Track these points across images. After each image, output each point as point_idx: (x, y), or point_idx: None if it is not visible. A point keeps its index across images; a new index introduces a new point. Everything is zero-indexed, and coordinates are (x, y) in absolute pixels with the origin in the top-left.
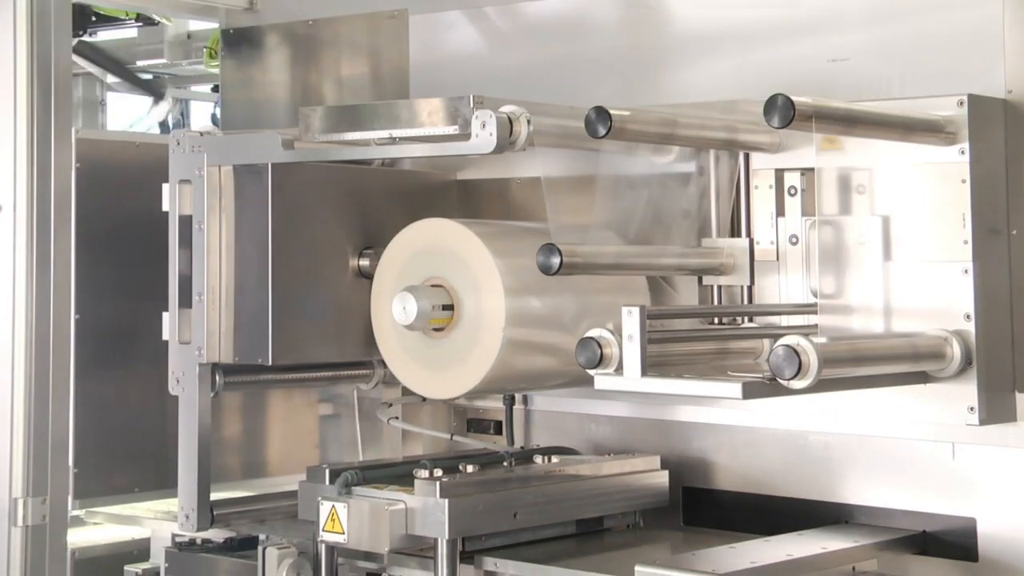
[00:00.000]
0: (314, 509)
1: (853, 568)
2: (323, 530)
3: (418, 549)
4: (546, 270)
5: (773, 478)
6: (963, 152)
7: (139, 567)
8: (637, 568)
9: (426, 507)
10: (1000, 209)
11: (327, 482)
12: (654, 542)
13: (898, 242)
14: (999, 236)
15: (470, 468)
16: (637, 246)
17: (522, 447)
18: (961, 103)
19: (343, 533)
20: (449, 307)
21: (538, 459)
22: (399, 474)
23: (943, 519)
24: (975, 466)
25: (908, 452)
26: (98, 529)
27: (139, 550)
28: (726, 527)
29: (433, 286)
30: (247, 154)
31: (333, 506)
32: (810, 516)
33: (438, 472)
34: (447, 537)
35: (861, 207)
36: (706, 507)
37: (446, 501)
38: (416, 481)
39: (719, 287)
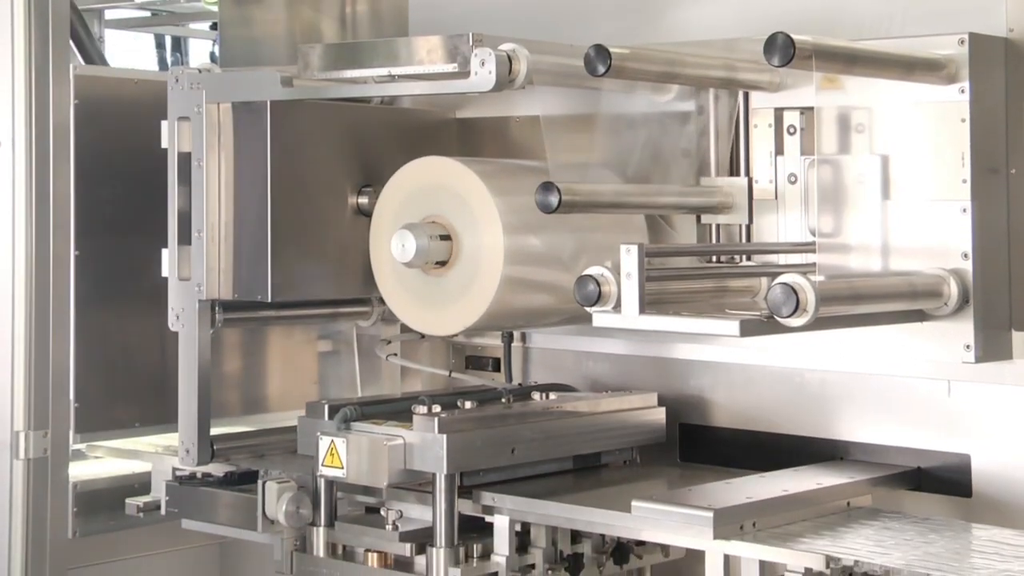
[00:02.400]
0: (313, 444)
1: (848, 503)
2: (322, 465)
3: (416, 484)
4: (545, 208)
5: (769, 415)
6: (963, 91)
7: (140, 500)
8: (634, 503)
9: (424, 442)
10: (999, 148)
11: (326, 418)
12: (651, 478)
13: (897, 181)
14: (998, 175)
15: (468, 404)
16: (636, 184)
17: (520, 384)
18: (962, 42)
19: (342, 468)
20: (448, 242)
21: (536, 396)
22: (397, 410)
23: (938, 456)
24: (970, 403)
25: (904, 390)
26: (99, 463)
27: (140, 484)
28: (722, 463)
29: (432, 224)
30: (246, 91)
31: (332, 441)
32: (806, 453)
33: (436, 408)
34: (445, 472)
35: (860, 146)
36: (703, 444)
37: (444, 437)
38: (415, 417)
39: (717, 226)
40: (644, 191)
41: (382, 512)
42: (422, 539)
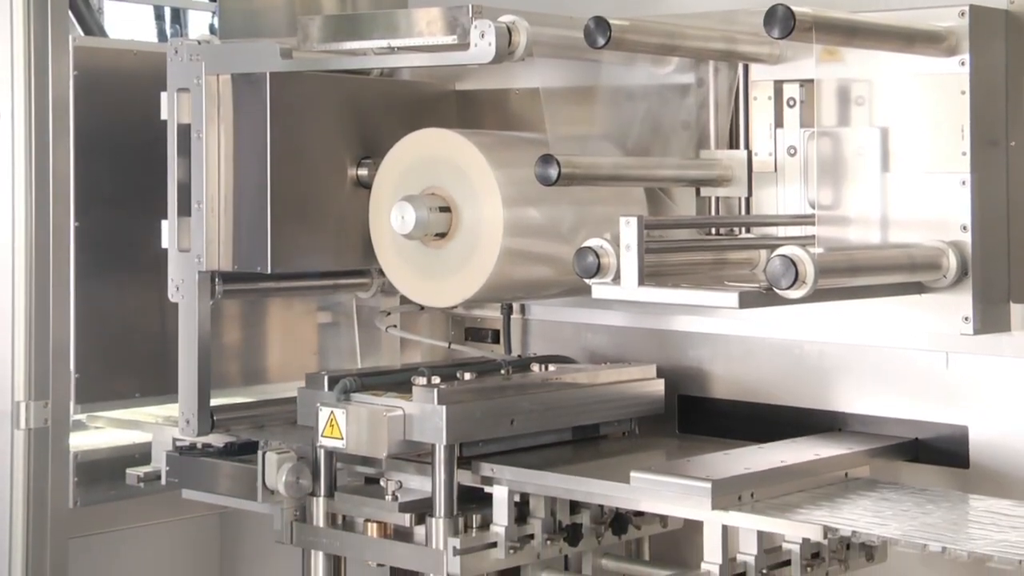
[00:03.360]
0: (313, 415)
1: (846, 474)
2: (322, 435)
3: (415, 454)
4: (544, 180)
5: (768, 387)
6: (963, 63)
7: (140, 470)
8: (632, 474)
9: (424, 413)
10: (999, 121)
11: (326, 388)
12: (649, 449)
13: (896, 153)
14: (997, 148)
15: (467, 376)
16: (635, 157)
17: (519, 356)
18: (962, 14)
19: (342, 438)
20: (447, 215)
21: (535, 367)
22: (397, 381)
23: (936, 427)
24: (968, 375)
25: (902, 361)
26: (100, 433)
27: (140, 454)
28: (721, 435)
29: (431, 196)
30: (245, 63)
31: (332, 412)
32: (804, 424)
33: (436, 379)
34: (444, 443)
35: (860, 118)
36: (701, 415)
37: (443, 408)
38: (414, 388)
39: (717, 198)
40: (643, 164)
41: (382, 483)
42: (421, 509)
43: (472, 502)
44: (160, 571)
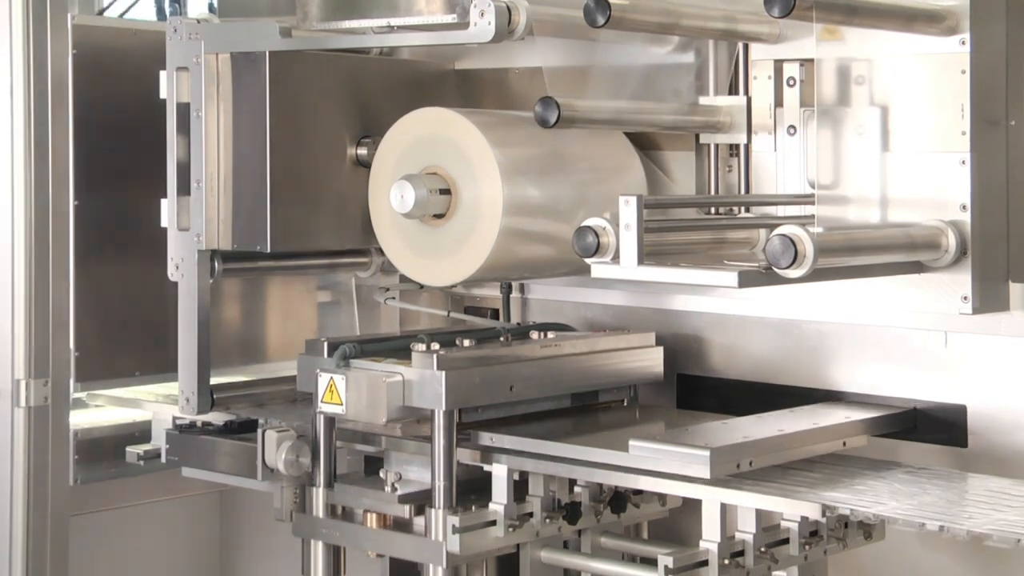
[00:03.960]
0: (312, 381)
1: (844, 444)
2: (321, 401)
3: (415, 421)
4: (543, 123)
5: (767, 366)
6: (963, 43)
7: (140, 448)
8: (631, 442)
9: (423, 379)
10: (999, 100)
11: (325, 355)
12: (648, 418)
13: (896, 133)
14: (997, 127)
15: (467, 343)
16: (634, 102)
17: (518, 323)
18: None
19: (341, 404)
20: (447, 194)
21: (534, 335)
22: (396, 348)
23: (934, 406)
24: (967, 354)
25: (901, 340)
26: (100, 411)
27: (140, 432)
28: (720, 413)
29: (431, 175)
30: (245, 42)
31: (331, 378)
32: (803, 402)
33: (435, 346)
34: (444, 408)
35: (860, 98)
36: (700, 393)
37: (443, 373)
38: (413, 354)
39: (716, 178)
40: (642, 108)
41: (381, 474)
42: (421, 501)
43: (472, 493)
44: (160, 548)
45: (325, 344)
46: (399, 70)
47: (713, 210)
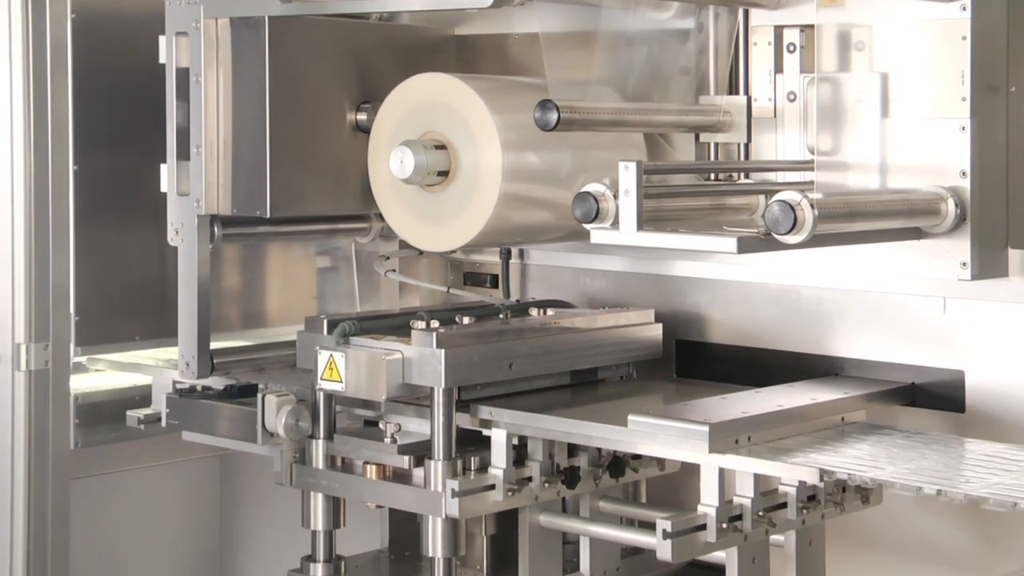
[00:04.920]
0: (312, 358)
1: (842, 419)
2: (321, 378)
3: (415, 398)
4: (544, 126)
5: (766, 332)
6: (964, 8)
7: (141, 412)
8: (630, 417)
9: (423, 357)
10: (999, 66)
11: (325, 332)
12: (647, 393)
13: (896, 99)
14: (997, 94)
15: (466, 320)
16: (635, 103)
17: (518, 300)
18: None
19: (341, 382)
20: (446, 160)
21: (534, 312)
22: (396, 325)
23: (932, 371)
24: (965, 320)
25: (900, 306)
26: (100, 375)
27: (141, 396)
28: (719, 380)
29: (430, 140)
30: (244, 6)
31: (331, 355)
32: (801, 369)
33: (435, 323)
34: (443, 386)
35: (860, 64)
36: (699, 360)
37: (442, 351)
38: (413, 332)
39: (716, 144)
40: (643, 109)
41: (380, 425)
42: (420, 452)
43: (471, 445)
44: (161, 512)
45: (325, 321)
46: (399, 35)
47: (712, 176)
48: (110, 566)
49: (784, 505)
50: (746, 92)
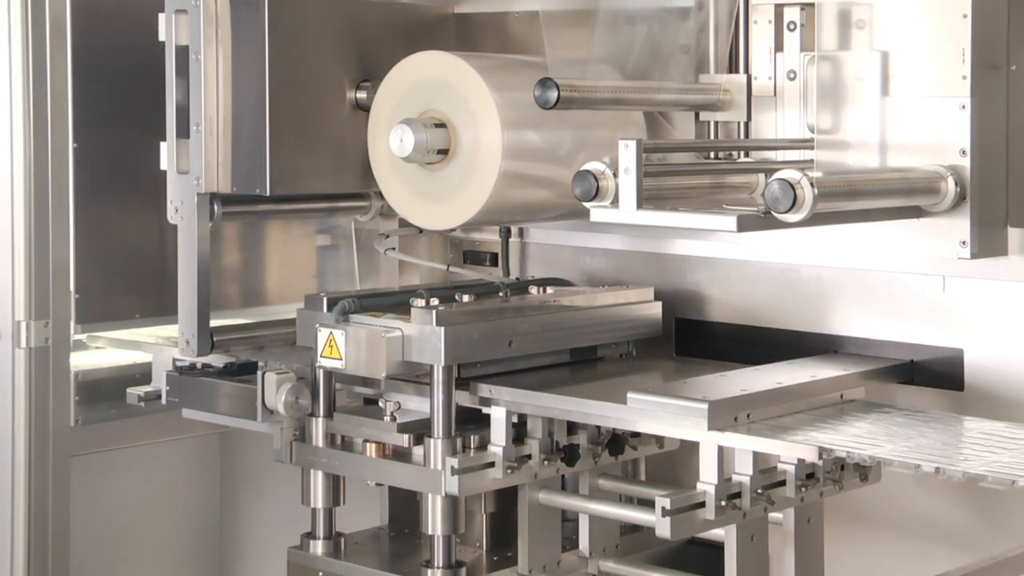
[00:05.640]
0: (312, 336)
1: (841, 396)
2: (321, 356)
3: (414, 375)
4: (543, 104)
5: (765, 310)
6: None
7: (141, 390)
8: (629, 395)
9: (422, 335)
10: (1000, 45)
11: (325, 310)
12: (646, 371)
13: (896, 77)
14: (998, 72)
15: (466, 298)
16: (635, 81)
17: (517, 278)
18: None
19: (341, 359)
20: (445, 138)
21: (533, 290)
22: (396, 303)
23: (931, 350)
24: (964, 299)
25: (899, 285)
26: (100, 353)
27: (141, 374)
28: (718, 358)
29: (430, 118)
30: None
31: (331, 333)
32: (801, 347)
33: (434, 301)
34: (443, 364)
35: (860, 42)
36: (699, 338)
37: (442, 329)
38: (412, 310)
39: (716, 123)
40: (643, 87)
41: (380, 403)
42: (420, 430)
43: (470, 423)
44: (161, 489)
45: (324, 299)
46: (398, 14)
47: (712, 155)
48: (111, 543)
49: (783, 483)
50: (746, 71)
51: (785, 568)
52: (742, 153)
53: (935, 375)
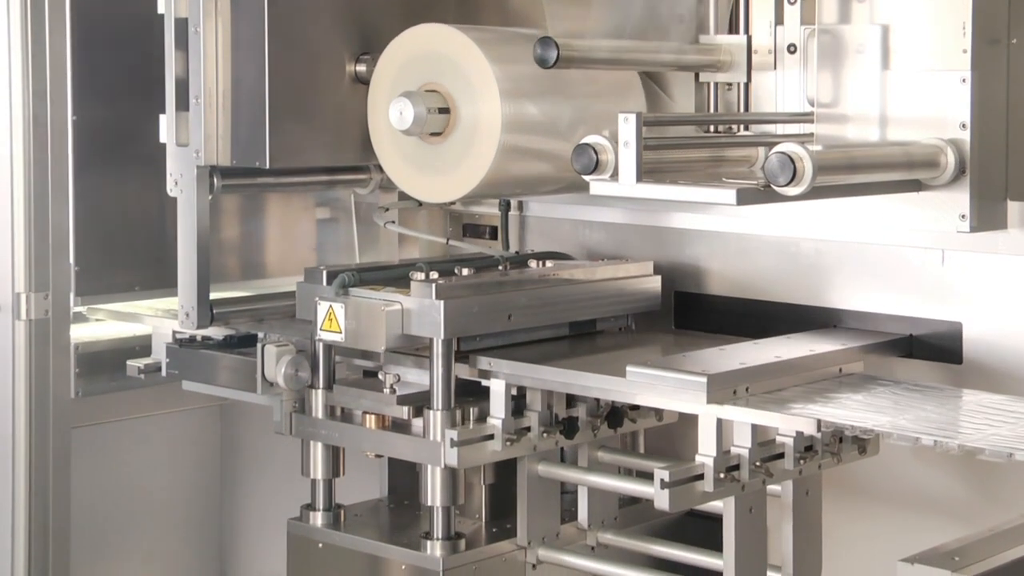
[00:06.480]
0: (312, 309)
1: (840, 370)
2: (320, 329)
3: (414, 348)
4: (543, 63)
5: (765, 284)
6: None
7: (141, 362)
8: (628, 368)
9: (422, 308)
10: (1001, 18)
11: (324, 283)
12: (645, 344)
13: (896, 51)
14: (998, 46)
15: (465, 271)
16: (634, 40)
17: (517, 252)
18: None
19: (340, 332)
20: (446, 111)
21: (533, 263)
22: (395, 276)
23: (930, 323)
24: (963, 272)
25: (898, 258)
26: (100, 325)
27: (141, 346)
28: (717, 331)
29: (430, 92)
30: None
31: (331, 306)
32: (800, 320)
33: (434, 275)
34: (442, 337)
35: (860, 16)
36: (698, 311)
37: (441, 302)
38: (412, 283)
39: (716, 95)
40: (642, 47)
41: (380, 376)
42: (419, 402)
43: (470, 396)
44: (161, 461)
45: (324, 272)
46: None
47: (712, 128)
48: (111, 514)
49: (781, 455)
50: (746, 31)
51: (783, 540)
52: (742, 127)
53: (934, 348)
